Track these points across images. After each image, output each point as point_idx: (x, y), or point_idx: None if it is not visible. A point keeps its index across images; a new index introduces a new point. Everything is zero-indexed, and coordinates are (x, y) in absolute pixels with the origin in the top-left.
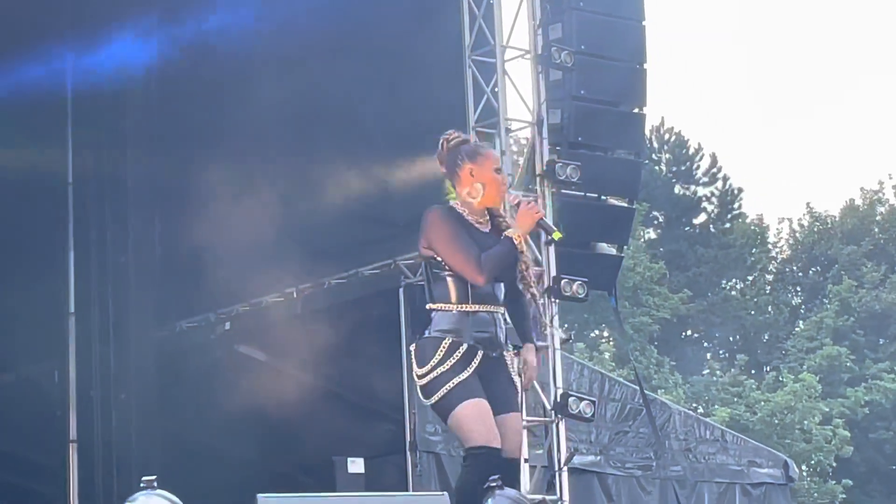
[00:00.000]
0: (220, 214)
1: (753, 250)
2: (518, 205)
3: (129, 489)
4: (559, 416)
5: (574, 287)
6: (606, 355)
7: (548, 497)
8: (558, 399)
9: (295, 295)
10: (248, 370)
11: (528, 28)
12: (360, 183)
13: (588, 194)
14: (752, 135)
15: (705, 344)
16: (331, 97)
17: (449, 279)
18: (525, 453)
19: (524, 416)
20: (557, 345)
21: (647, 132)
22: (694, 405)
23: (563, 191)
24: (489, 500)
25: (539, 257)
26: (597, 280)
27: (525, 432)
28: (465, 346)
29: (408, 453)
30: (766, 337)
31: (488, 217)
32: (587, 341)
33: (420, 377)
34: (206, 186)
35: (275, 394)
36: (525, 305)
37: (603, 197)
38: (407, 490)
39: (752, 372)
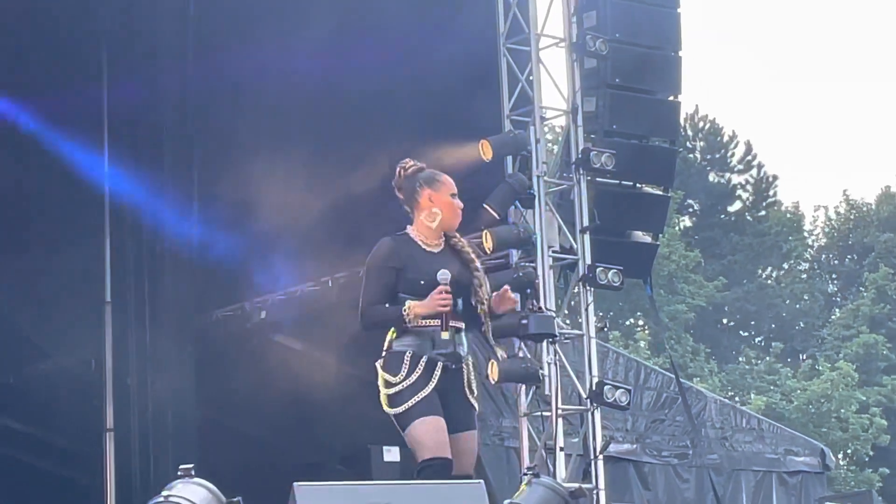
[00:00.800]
0: (256, 203)
1: (789, 238)
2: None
3: (165, 477)
4: (594, 404)
5: (609, 275)
6: (642, 343)
7: (584, 485)
8: (593, 387)
9: (330, 283)
10: (283, 359)
11: (562, 16)
12: (395, 169)
13: (623, 182)
14: (787, 122)
15: (741, 332)
16: (366, 84)
17: (408, 298)
18: (560, 442)
19: (559, 405)
20: (592, 333)
21: (681, 120)
22: (730, 393)
23: (598, 179)
24: (525, 488)
25: (574, 245)
26: (632, 268)
27: (560, 421)
28: (425, 358)
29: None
30: (802, 325)
31: (443, 238)
32: (622, 329)
33: (388, 387)
34: (243, 175)
35: (310, 382)
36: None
37: (638, 185)
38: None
39: (788, 360)
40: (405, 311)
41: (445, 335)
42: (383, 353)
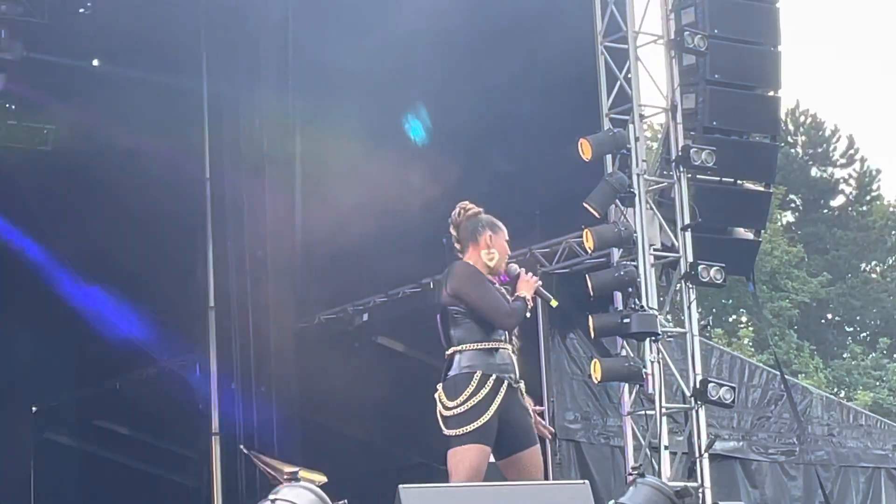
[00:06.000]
0: (357, 206)
1: (893, 232)
2: (518, 276)
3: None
4: (699, 402)
5: (712, 272)
6: (746, 340)
7: (689, 484)
8: (697, 385)
9: (431, 285)
10: (386, 361)
11: (660, 13)
12: (494, 173)
13: (724, 179)
14: (890, 115)
15: (846, 328)
16: (464, 90)
17: (469, 322)
18: (665, 440)
19: (663, 403)
20: (696, 331)
21: (782, 115)
22: (835, 390)
23: (699, 176)
24: (631, 488)
25: (675, 243)
26: (734, 265)
27: (664, 419)
28: (493, 377)
29: (547, 442)
30: None
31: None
32: (726, 327)
33: (450, 409)
34: (345, 178)
35: (413, 384)
36: None
37: (739, 181)
38: (547, 479)
39: (894, 356)
40: (526, 298)
41: (554, 303)
42: (449, 376)
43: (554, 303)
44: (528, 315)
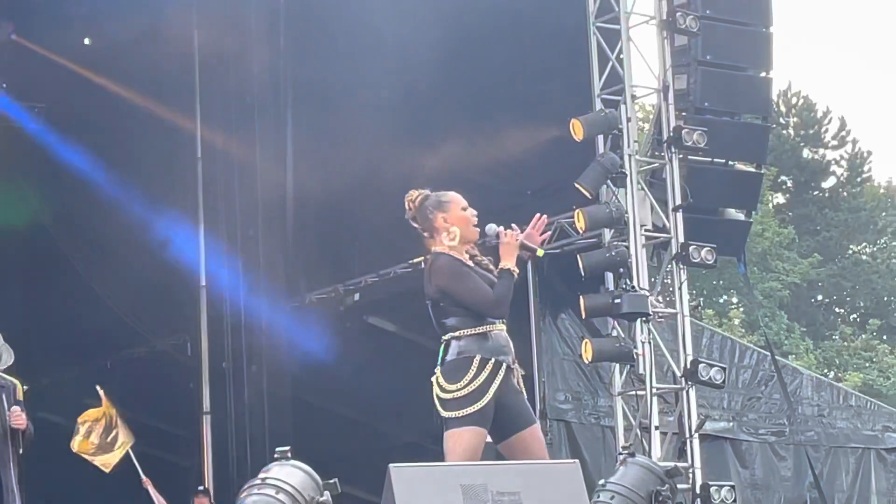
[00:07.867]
0: (349, 188)
1: (884, 213)
2: (497, 236)
3: (262, 460)
4: (689, 382)
5: (702, 253)
6: (736, 321)
7: (679, 464)
8: (688, 366)
9: (423, 265)
10: (377, 341)
11: None
12: (486, 153)
13: (715, 160)
14: (882, 97)
15: (836, 309)
16: (455, 69)
17: (460, 310)
18: (655, 420)
19: (654, 384)
20: (686, 311)
21: (773, 96)
22: (825, 370)
23: (690, 157)
24: (621, 468)
25: (667, 223)
26: (725, 246)
27: (655, 400)
28: (492, 360)
29: (538, 421)
30: None
31: (468, 256)
32: (716, 307)
33: (449, 392)
34: (335, 160)
35: (404, 364)
36: None
37: (730, 162)
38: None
39: (884, 337)
40: (510, 271)
41: (541, 252)
42: (447, 361)
43: (540, 252)
44: (518, 274)
